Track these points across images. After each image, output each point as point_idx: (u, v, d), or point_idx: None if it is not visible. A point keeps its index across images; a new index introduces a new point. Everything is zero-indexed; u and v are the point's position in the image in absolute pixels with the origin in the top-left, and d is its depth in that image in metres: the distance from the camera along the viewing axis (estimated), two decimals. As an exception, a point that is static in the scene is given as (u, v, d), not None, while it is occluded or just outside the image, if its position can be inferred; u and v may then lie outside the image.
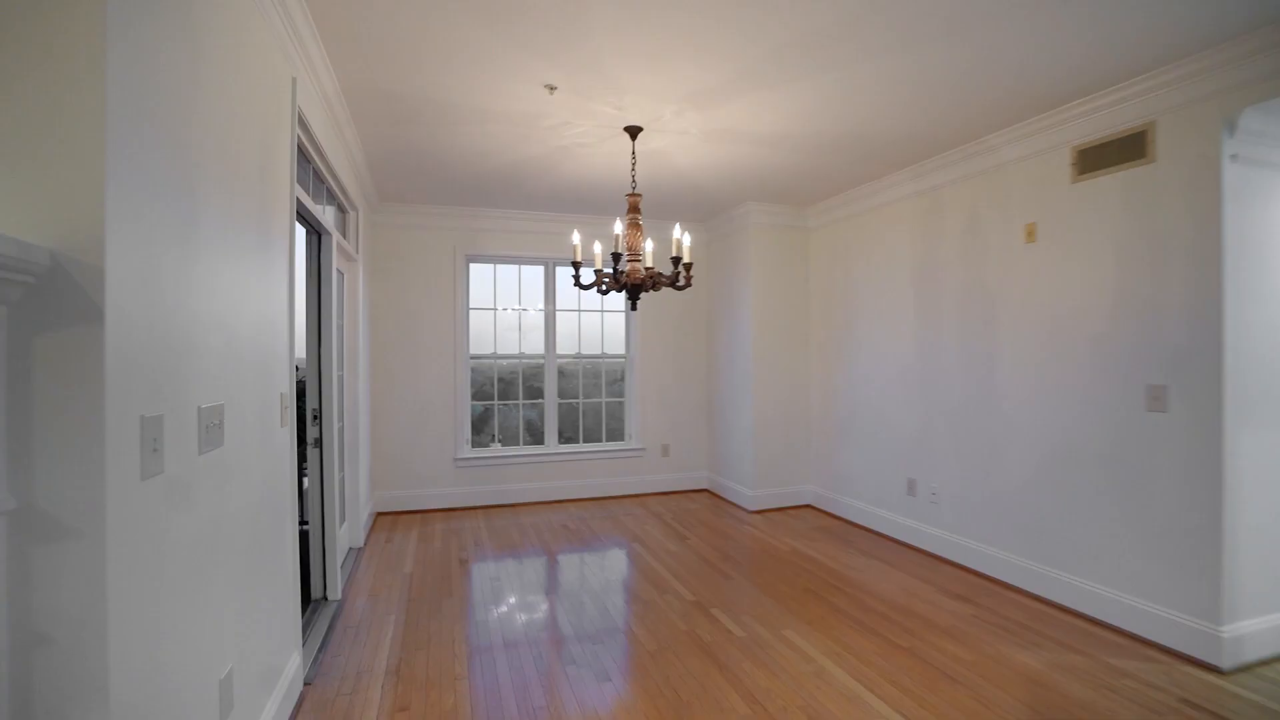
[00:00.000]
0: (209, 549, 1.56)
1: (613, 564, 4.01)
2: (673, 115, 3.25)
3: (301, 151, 2.83)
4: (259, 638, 1.96)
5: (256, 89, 1.95)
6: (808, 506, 5.40)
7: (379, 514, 5.10)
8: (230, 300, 1.72)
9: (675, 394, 6.03)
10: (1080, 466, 3.13)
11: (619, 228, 3.18)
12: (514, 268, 5.68)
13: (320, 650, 2.76)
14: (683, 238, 3.33)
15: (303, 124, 2.60)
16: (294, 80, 2.36)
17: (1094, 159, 3.05)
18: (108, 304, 1.09)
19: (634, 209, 3.37)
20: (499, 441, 5.78)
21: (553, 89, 2.93)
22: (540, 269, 5.72)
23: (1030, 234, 3.38)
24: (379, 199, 4.92)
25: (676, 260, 3.26)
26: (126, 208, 1.16)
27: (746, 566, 3.90)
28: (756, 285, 5.29)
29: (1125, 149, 2.90)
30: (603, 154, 3.84)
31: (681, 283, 3.35)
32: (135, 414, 1.20)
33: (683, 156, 3.92)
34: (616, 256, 3.14)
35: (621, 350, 6.04)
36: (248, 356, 1.87)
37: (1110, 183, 2.99)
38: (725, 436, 5.77)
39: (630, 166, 3.89)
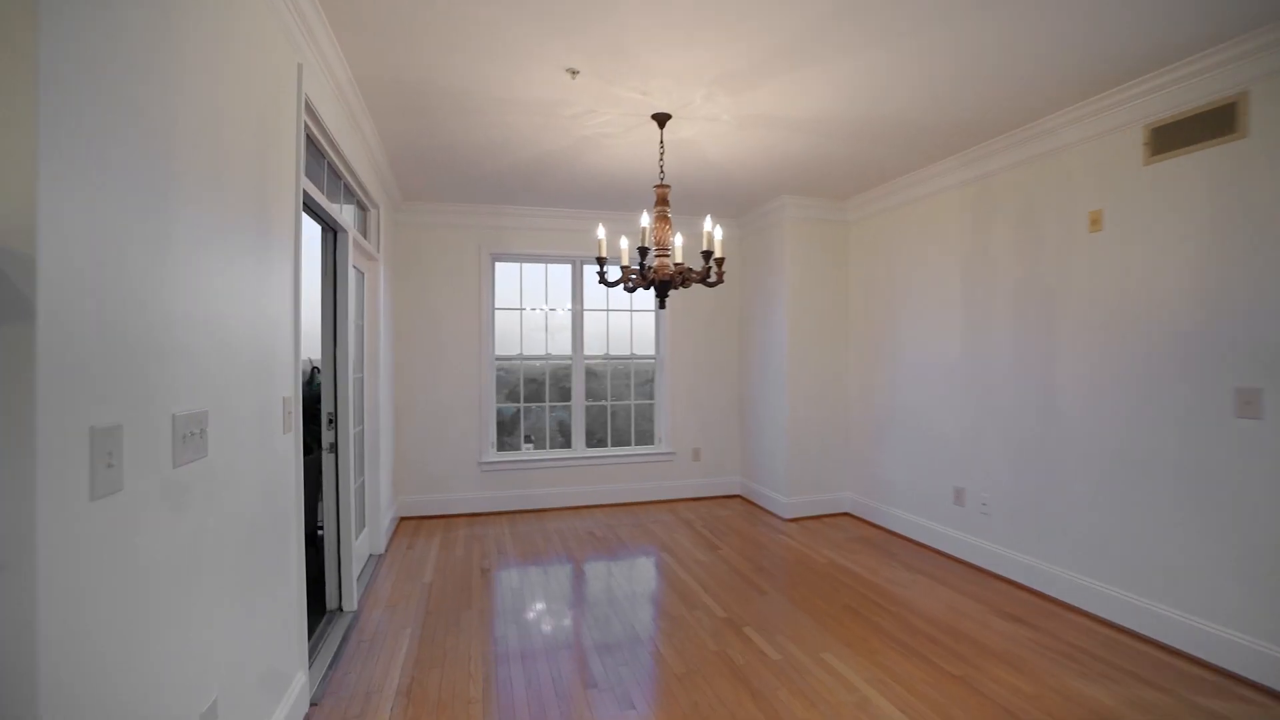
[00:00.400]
0: (189, 569, 1.42)
1: (640, 575, 3.82)
2: (703, 100, 3.05)
3: (313, 144, 2.71)
4: (255, 660, 1.82)
5: (253, 73, 1.81)
6: (846, 515, 5.13)
7: (402, 519, 5.01)
8: (220, 298, 1.59)
9: (706, 396, 5.81)
10: (1152, 477, 2.82)
11: (646, 221, 2.99)
12: (540, 266, 5.54)
13: (331, 667, 2.63)
14: (714, 230, 3.13)
15: (313, 114, 2.48)
16: (300, 66, 2.23)
17: (1171, 137, 2.74)
18: (40, 299, 0.94)
19: (662, 201, 3.17)
20: (530, 441, 5.65)
21: (574, 73, 2.75)
22: (567, 267, 5.57)
23: (1095, 222, 3.08)
24: (402, 197, 4.83)
25: (707, 255, 3.05)
26: (70, 190, 1.01)
27: (781, 580, 3.67)
28: (792, 282, 5.05)
29: (1210, 124, 2.59)
30: (629, 144, 3.65)
31: (713, 279, 3.14)
32: (82, 425, 1.05)
33: (714, 146, 3.71)
34: (643, 251, 2.95)
35: (651, 351, 5.85)
36: (243, 359, 1.74)
37: (1191, 163, 2.68)
38: (759, 440, 5.53)
39: (658, 157, 3.69)
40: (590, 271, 5.54)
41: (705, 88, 2.92)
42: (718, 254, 3.13)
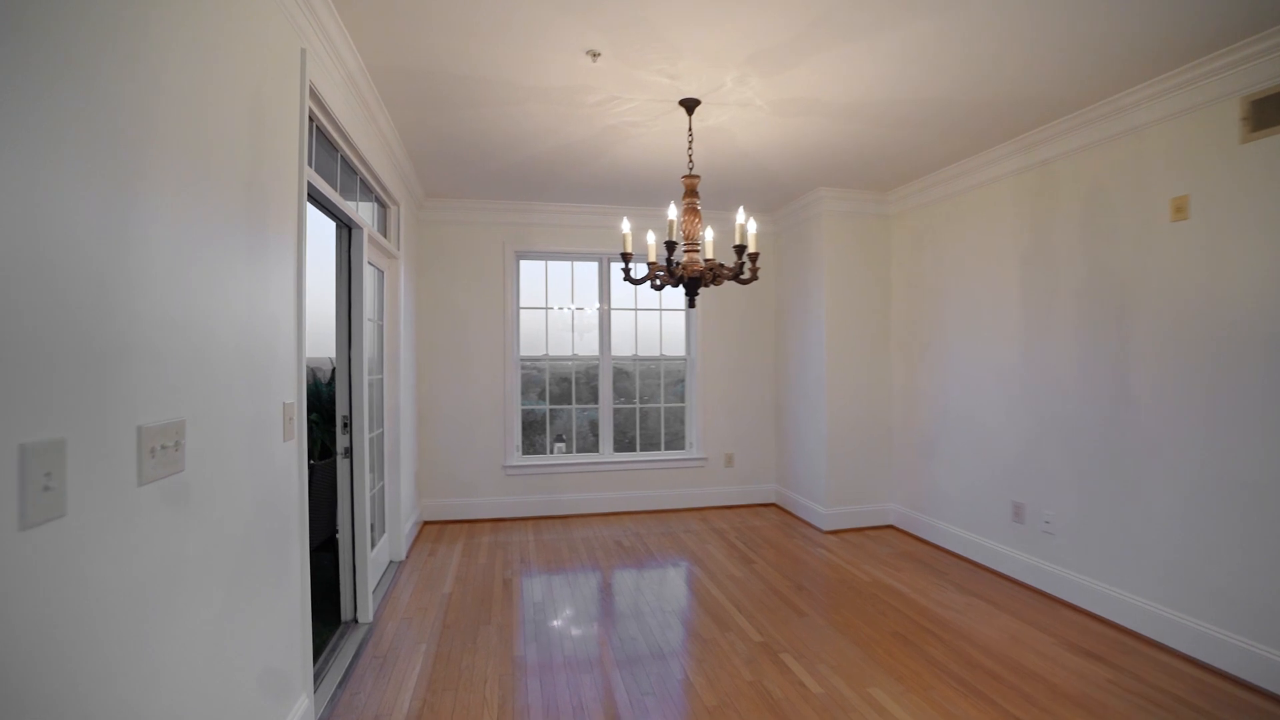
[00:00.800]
0: (160, 598, 1.27)
1: (670, 591, 3.61)
2: (734, 83, 2.83)
3: (324, 136, 2.58)
4: (245, 690, 1.67)
5: (245, 54, 1.67)
6: (890, 528, 4.83)
7: (426, 523, 4.89)
8: (201, 296, 1.44)
9: (740, 399, 5.56)
10: (1259, 498, 2.49)
11: (674, 213, 2.78)
12: (566, 264, 5.37)
13: (340, 685, 2.49)
14: (747, 224, 2.90)
15: (320, 103, 2.34)
16: (303, 51, 2.09)
17: (1275, 110, 2.41)
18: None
19: (691, 192, 2.96)
20: (563, 442, 5.49)
21: (595, 55, 2.56)
22: (594, 265, 5.39)
23: (1179, 210, 2.76)
24: (424, 195, 4.71)
25: (740, 249, 2.83)
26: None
27: (822, 600, 3.42)
28: (830, 280, 4.77)
29: (1322, 94, 2.27)
30: (656, 134, 3.45)
31: (746, 275, 2.92)
32: (8, 442, 0.90)
33: (746, 134, 3.48)
34: (671, 246, 2.74)
35: (681, 351, 5.63)
36: (231, 362, 1.59)
37: (1297, 139, 2.35)
38: (795, 446, 5.26)
39: (687, 146, 3.48)
40: (617, 269, 5.35)
41: (737, 69, 2.70)
42: (751, 249, 2.90)
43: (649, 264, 3.01)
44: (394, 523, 3.90)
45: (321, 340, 3.26)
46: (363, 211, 3.27)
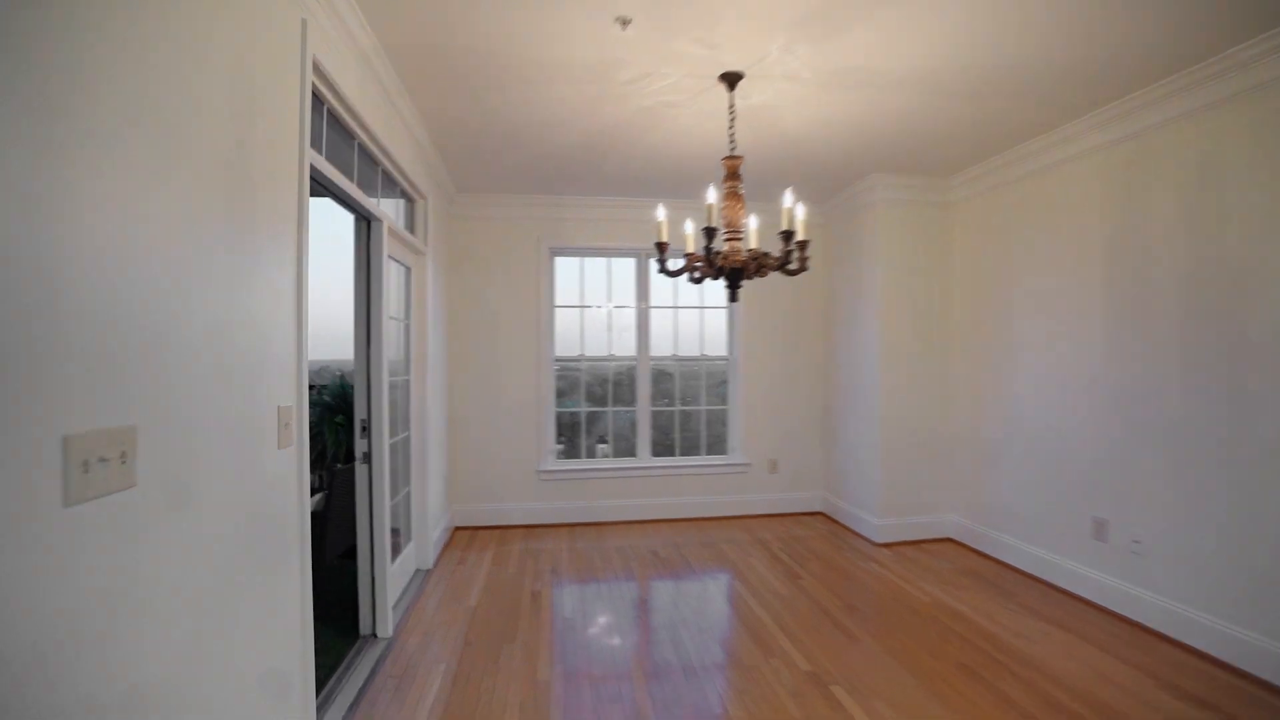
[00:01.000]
0: (92, 630, 1.09)
1: (709, 609, 3.34)
2: (780, 52, 2.55)
3: (338, 123, 2.42)
4: (227, 728, 1.50)
5: (223, 14, 1.49)
6: (948, 541, 4.44)
7: (457, 528, 4.75)
8: (160, 289, 1.26)
9: (785, 401, 5.24)
10: None
11: (713, 196, 2.52)
12: (602, 261, 5.15)
13: (352, 709, 2.32)
14: (795, 207, 2.61)
15: (327, 81, 2.17)
16: (304, 22, 1.92)
17: None
18: None
19: (732, 175, 2.69)
20: (605, 444, 5.28)
21: (625, 23, 2.32)
22: (631, 261, 5.16)
23: (1310, 182, 2.34)
24: (455, 190, 4.57)
25: (787, 235, 2.54)
26: None
27: (876, 622, 3.10)
28: (884, 274, 4.42)
29: None
30: (695, 116, 3.19)
31: (794, 265, 2.64)
32: None
33: (793, 114, 3.18)
34: (710, 233, 2.47)
35: (723, 351, 5.35)
36: (202, 362, 1.42)
37: None
38: (845, 452, 4.91)
39: (728, 126, 3.20)
40: (656, 264, 5.10)
41: (783, 34, 2.41)
42: (800, 235, 2.61)
43: (687, 255, 2.76)
44: (421, 529, 3.75)
45: (347, 341, 3.11)
46: (386, 206, 3.12)
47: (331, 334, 3.95)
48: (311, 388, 5.11)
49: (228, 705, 1.51)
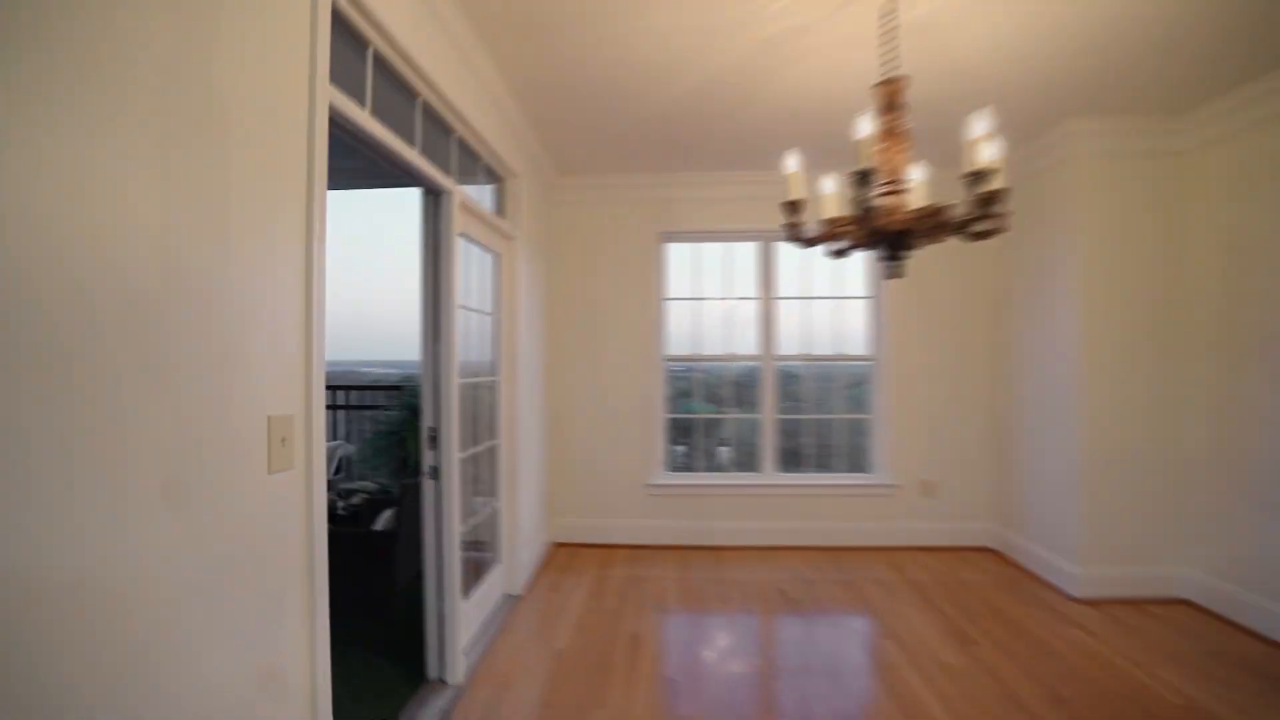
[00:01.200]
0: None
1: (849, 681, 2.59)
2: (965, -79, 1.78)
3: (390, 72, 2.00)
4: None
5: None
6: (1182, 603, 3.31)
7: (557, 545, 4.32)
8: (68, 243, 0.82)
9: (944, 409, 4.29)
10: None
11: (866, 129, 1.80)
12: (719, 246, 4.50)
13: (397, 789, 1.88)
14: (986, 142, 1.81)
15: (362, 9, 1.73)
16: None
17: None
18: None
19: (892, 105, 1.95)
20: (726, 445, 4.66)
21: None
22: (753, 246, 4.47)
23: None
24: (556, 173, 4.14)
25: (975, 177, 1.75)
26: None
27: (1100, 730, 2.20)
28: (1087, 248, 3.39)
29: None
30: (834, 45, 2.47)
31: (984, 226, 1.84)
32: None
33: (964, 32, 2.37)
34: (863, 177, 1.76)
35: (863, 349, 4.49)
36: (154, 359, 0.98)
37: None
38: (1027, 476, 3.90)
39: (880, 52, 2.43)
40: (784, 251, 4.37)
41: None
42: (993, 184, 1.81)
43: (828, 221, 2.06)
44: (510, 551, 3.33)
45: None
46: (466, 185, 2.71)
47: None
48: (397, 389, 4.99)
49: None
